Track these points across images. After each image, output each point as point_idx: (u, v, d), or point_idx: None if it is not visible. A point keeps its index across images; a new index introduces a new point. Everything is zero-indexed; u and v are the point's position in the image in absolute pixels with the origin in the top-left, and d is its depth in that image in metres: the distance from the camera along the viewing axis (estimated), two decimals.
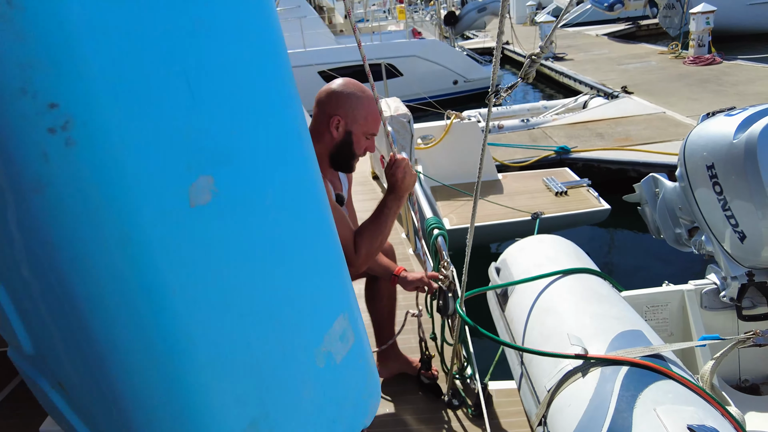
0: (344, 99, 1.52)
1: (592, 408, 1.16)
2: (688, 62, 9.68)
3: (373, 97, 1.57)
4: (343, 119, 1.52)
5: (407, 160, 1.57)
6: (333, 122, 1.52)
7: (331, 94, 1.54)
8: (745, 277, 1.59)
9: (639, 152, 5.42)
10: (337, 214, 1.51)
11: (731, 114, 1.47)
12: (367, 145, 1.59)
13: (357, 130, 1.54)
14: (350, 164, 1.61)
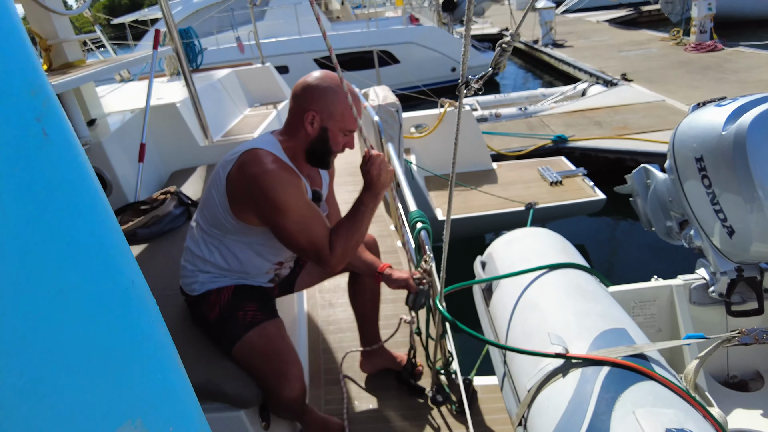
0: (320, 93, 1.45)
1: (571, 410, 1.12)
2: (689, 49, 9.56)
3: (353, 91, 1.49)
4: (318, 114, 1.46)
5: (383, 156, 1.50)
6: (307, 118, 1.46)
7: (306, 87, 1.47)
8: (735, 273, 1.55)
9: (637, 141, 5.35)
10: (311, 212, 1.46)
11: (721, 104, 1.41)
12: (345, 141, 1.52)
13: (333, 127, 1.48)
14: (326, 161, 1.55)
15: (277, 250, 1.61)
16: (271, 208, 1.40)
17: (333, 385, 2.08)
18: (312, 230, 1.45)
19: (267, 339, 1.51)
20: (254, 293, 1.64)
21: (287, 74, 10.27)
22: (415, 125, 4.69)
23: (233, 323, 1.54)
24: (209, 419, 1.59)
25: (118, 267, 0.39)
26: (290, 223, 1.42)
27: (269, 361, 1.48)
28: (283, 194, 1.39)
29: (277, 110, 4.43)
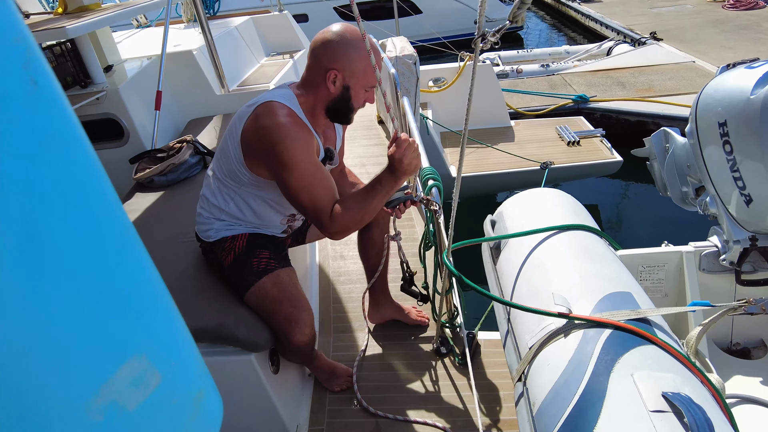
0: (342, 51, 1.41)
1: (570, 369, 1.15)
2: (727, 6, 9.06)
3: (373, 44, 1.43)
4: (341, 73, 1.42)
5: (415, 143, 1.46)
6: (329, 77, 1.43)
7: (327, 44, 1.43)
8: (748, 242, 1.53)
9: (661, 104, 5.18)
10: (317, 173, 1.45)
11: (753, 66, 1.35)
12: (366, 97, 1.50)
13: (355, 84, 1.45)
14: (348, 117, 1.54)
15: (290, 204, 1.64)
16: (278, 162, 1.40)
17: (341, 333, 2.15)
18: (315, 192, 1.44)
19: (280, 285, 1.55)
20: (268, 242, 1.66)
21: (306, 23, 10.01)
22: (433, 79, 4.58)
23: (247, 269, 1.57)
24: (221, 362, 1.65)
25: (111, 217, 0.40)
26: (294, 179, 1.42)
27: (281, 306, 1.52)
28: (291, 149, 1.38)
29: (294, 60, 4.36)
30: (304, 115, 1.47)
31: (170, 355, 0.45)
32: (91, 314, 0.38)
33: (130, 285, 0.43)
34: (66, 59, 2.78)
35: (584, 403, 1.06)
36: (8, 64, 0.30)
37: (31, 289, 0.34)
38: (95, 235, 0.39)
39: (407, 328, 2.13)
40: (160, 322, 0.45)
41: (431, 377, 1.90)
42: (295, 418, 1.74)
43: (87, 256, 0.38)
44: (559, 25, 11.85)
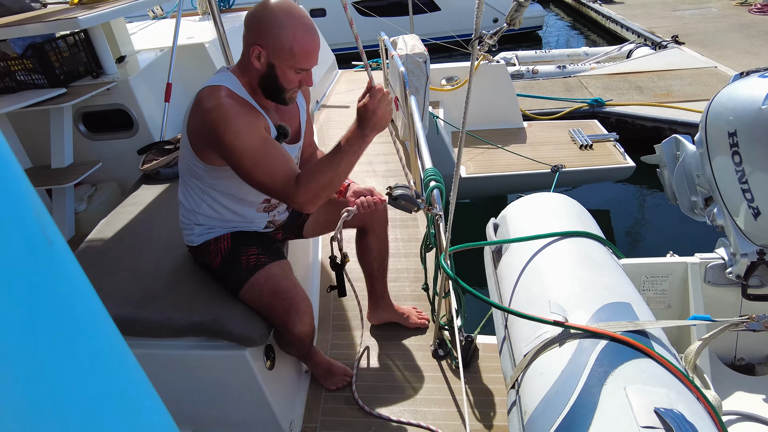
0: (266, 26, 1.32)
1: (563, 379, 1.13)
2: (754, 10, 8.85)
3: (307, 24, 1.34)
4: (265, 50, 1.34)
5: (388, 93, 1.38)
6: (253, 52, 1.35)
7: (252, 17, 1.34)
8: (756, 255, 1.49)
9: (678, 110, 5.08)
10: (267, 147, 1.36)
11: (766, 75, 1.31)
12: (300, 78, 1.39)
13: (281, 64, 1.35)
14: (281, 98, 1.43)
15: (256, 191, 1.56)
16: (222, 143, 1.33)
17: (340, 331, 2.14)
18: (270, 165, 1.36)
19: (273, 279, 1.53)
20: (254, 238, 1.62)
21: (324, 17, 10.01)
22: (446, 77, 4.55)
23: (237, 268, 1.55)
24: (215, 356, 1.65)
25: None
26: (245, 158, 1.34)
27: (278, 299, 1.50)
28: (233, 128, 1.31)
29: None
30: (247, 93, 1.41)
31: None
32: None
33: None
34: (79, 49, 2.81)
35: (575, 415, 1.04)
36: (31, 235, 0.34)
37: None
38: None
39: (406, 328, 2.12)
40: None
41: (428, 379, 1.88)
42: (289, 415, 1.74)
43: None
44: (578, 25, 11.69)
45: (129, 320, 1.49)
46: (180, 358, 1.53)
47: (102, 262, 1.69)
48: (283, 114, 1.54)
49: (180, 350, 1.52)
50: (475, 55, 0.92)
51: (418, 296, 2.27)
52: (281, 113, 1.53)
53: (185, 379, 1.58)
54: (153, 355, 1.53)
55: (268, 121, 1.44)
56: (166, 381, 1.58)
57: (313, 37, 1.35)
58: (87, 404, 0.38)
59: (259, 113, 1.41)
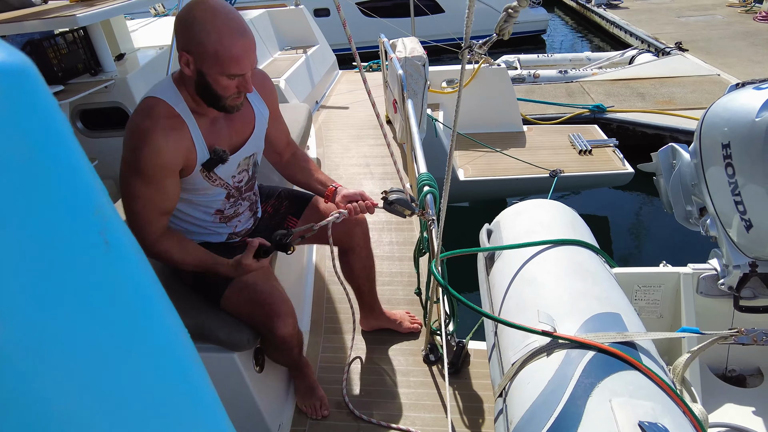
0: (189, 30, 1.22)
1: (550, 390, 1.12)
2: (759, 18, 8.82)
3: (234, 26, 1.23)
4: (191, 56, 1.24)
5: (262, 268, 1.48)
6: (181, 59, 1.26)
7: (177, 20, 1.25)
8: (748, 267, 1.48)
9: (679, 118, 5.07)
10: (148, 191, 1.31)
11: (761, 87, 1.30)
12: (237, 83, 1.29)
13: (210, 70, 1.25)
14: (223, 106, 1.33)
15: (208, 199, 1.50)
16: (130, 162, 1.29)
17: (332, 334, 2.14)
18: (135, 207, 1.33)
19: (248, 288, 1.50)
20: (220, 250, 1.54)
21: (328, 17, 10.00)
22: (447, 80, 4.54)
23: (210, 282, 1.52)
24: (203, 359, 1.65)
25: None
26: (122, 183, 1.32)
27: (257, 306, 1.49)
28: (134, 153, 1.27)
29: (307, 55, 4.35)
30: (186, 107, 1.34)
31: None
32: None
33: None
34: (78, 46, 2.81)
35: (559, 426, 1.03)
36: (89, 234, 0.35)
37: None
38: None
39: (399, 333, 2.11)
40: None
41: (418, 384, 1.88)
42: (277, 418, 1.73)
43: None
44: (582, 30, 11.68)
45: None
46: None
47: None
48: (234, 121, 1.46)
49: None
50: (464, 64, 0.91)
51: (411, 300, 2.26)
52: (232, 120, 1.45)
53: None
54: None
55: (197, 149, 1.36)
56: None
57: (241, 40, 1.23)
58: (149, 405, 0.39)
59: (185, 141, 1.33)
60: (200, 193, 1.47)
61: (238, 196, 1.59)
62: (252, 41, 1.28)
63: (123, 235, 0.37)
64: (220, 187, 1.49)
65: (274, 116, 1.62)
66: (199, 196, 1.48)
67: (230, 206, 1.58)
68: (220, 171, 1.45)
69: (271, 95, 1.59)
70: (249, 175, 1.59)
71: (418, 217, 1.71)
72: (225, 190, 1.52)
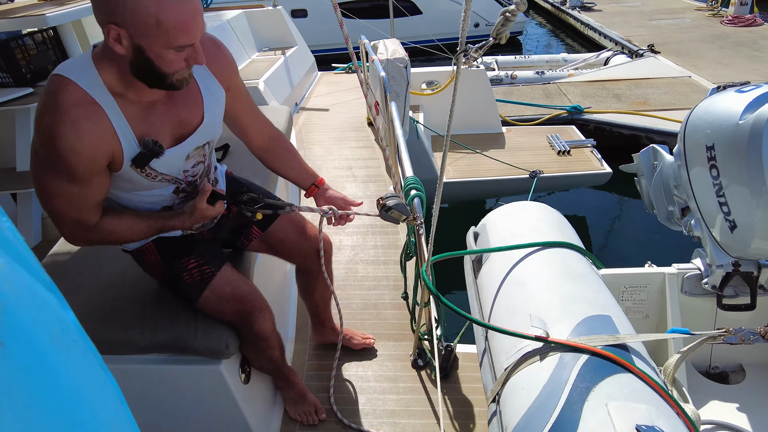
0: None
1: (545, 395, 1.11)
2: (726, 22, 9.11)
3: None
4: (123, 29, 1.00)
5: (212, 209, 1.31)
6: (110, 35, 1.01)
7: None
8: (731, 266, 1.51)
9: (655, 119, 5.18)
10: (77, 190, 1.14)
11: (743, 90, 1.32)
12: (186, 56, 1.08)
13: (150, 45, 1.02)
14: (170, 83, 1.11)
15: (151, 196, 1.31)
16: (45, 155, 1.09)
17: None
18: (56, 207, 1.16)
19: (231, 285, 1.43)
20: (183, 245, 1.43)
21: (305, 18, 9.93)
22: (427, 82, 4.54)
23: (183, 286, 1.43)
24: (188, 371, 1.57)
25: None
26: (35, 178, 1.13)
27: (239, 301, 1.43)
28: (45, 148, 1.08)
29: (286, 56, 4.30)
30: (105, 88, 1.10)
31: None
32: None
33: None
34: (48, 47, 2.71)
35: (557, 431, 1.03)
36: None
37: None
38: None
39: (386, 338, 2.09)
40: None
41: (407, 390, 1.86)
42: (265, 430, 1.69)
43: None
44: (558, 32, 11.87)
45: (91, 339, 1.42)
46: (151, 373, 1.47)
47: (67, 275, 1.61)
48: (176, 106, 1.22)
49: (151, 365, 1.46)
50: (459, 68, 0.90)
51: (398, 305, 2.24)
52: (173, 105, 1.22)
53: (156, 396, 1.52)
54: (122, 370, 1.47)
55: (121, 141, 1.14)
56: (136, 397, 1.52)
57: (185, 1, 1.01)
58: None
59: (104, 133, 1.11)
60: (140, 191, 1.27)
61: (192, 190, 1.36)
62: (198, 3, 1.06)
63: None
64: (165, 182, 1.28)
65: (235, 92, 1.37)
66: (139, 193, 1.28)
67: (180, 201, 1.36)
68: (161, 165, 1.22)
69: (225, 69, 1.32)
70: (205, 164, 1.38)
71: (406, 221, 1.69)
72: (173, 184, 1.31)
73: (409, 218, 1.52)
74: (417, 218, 1.57)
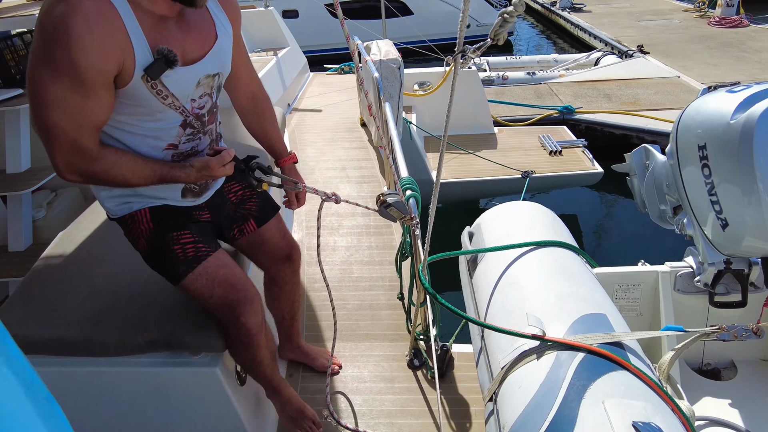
0: None
1: (542, 393, 1.12)
2: (712, 23, 9.22)
3: None
4: None
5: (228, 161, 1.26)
6: None
7: None
8: (723, 264, 1.53)
9: (645, 118, 5.23)
10: (67, 94, 1.02)
11: (733, 90, 1.34)
12: None
13: None
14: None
15: (158, 125, 1.20)
16: (45, 59, 1.00)
17: (313, 342, 2.10)
18: (51, 118, 1.04)
19: (226, 267, 1.36)
20: (180, 217, 1.34)
21: (296, 18, 9.92)
22: (419, 82, 4.55)
23: (172, 260, 1.32)
24: (183, 373, 1.55)
25: None
26: (32, 85, 1.02)
27: (231, 288, 1.35)
28: (48, 48, 0.98)
29: (278, 57, 4.29)
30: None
31: None
32: None
33: None
34: None
35: (554, 429, 1.03)
36: None
37: None
38: None
39: (381, 338, 2.09)
40: None
41: (403, 391, 1.86)
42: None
43: None
44: (548, 32, 11.95)
45: (85, 341, 1.41)
46: (147, 375, 1.46)
47: (60, 279, 1.59)
48: (190, 30, 1.17)
49: (147, 367, 1.45)
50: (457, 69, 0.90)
51: (393, 305, 2.24)
52: (186, 28, 1.16)
53: (152, 397, 1.51)
54: (118, 373, 1.45)
55: (134, 47, 1.05)
56: (131, 399, 1.50)
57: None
58: None
59: (117, 35, 1.03)
60: (146, 116, 1.17)
61: (199, 128, 1.28)
62: None
63: None
64: (173, 109, 1.19)
65: (237, 38, 1.36)
66: (145, 119, 1.17)
67: (187, 139, 1.27)
68: (172, 83, 1.14)
69: (234, 12, 1.34)
70: (212, 101, 1.29)
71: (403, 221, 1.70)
72: (180, 116, 1.21)
73: (406, 218, 1.52)
74: (413, 218, 1.57)
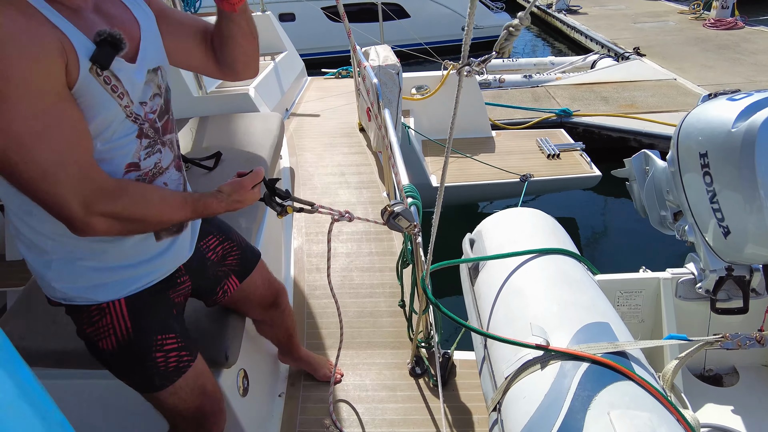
0: None
1: (547, 403, 1.12)
2: (707, 25, 9.26)
3: None
4: None
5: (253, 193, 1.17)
6: None
7: None
8: (724, 271, 1.53)
9: (642, 121, 5.24)
10: (53, 120, 0.83)
11: (734, 98, 1.35)
12: None
13: None
14: None
15: (113, 139, 0.97)
16: None
17: (315, 350, 2.09)
18: (33, 153, 0.81)
19: (204, 376, 1.26)
20: (162, 307, 1.16)
21: (293, 22, 9.91)
22: (416, 86, 4.55)
23: (149, 369, 1.14)
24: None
25: None
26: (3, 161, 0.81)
27: (208, 398, 1.28)
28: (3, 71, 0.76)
29: (275, 62, 4.28)
30: None
31: None
32: None
33: None
34: None
35: None
36: None
37: None
38: None
39: (383, 346, 2.08)
40: None
41: (405, 399, 1.85)
42: None
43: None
44: (544, 35, 11.98)
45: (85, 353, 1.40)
46: None
47: None
48: (110, 19, 0.97)
49: None
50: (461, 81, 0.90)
51: (394, 312, 2.24)
52: (107, 18, 0.97)
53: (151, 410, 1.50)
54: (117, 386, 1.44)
55: (70, 38, 0.85)
56: (131, 413, 1.49)
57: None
58: None
59: (45, 27, 0.83)
60: (102, 130, 0.94)
61: (156, 138, 1.06)
62: None
63: None
64: (127, 116, 0.97)
65: (162, 10, 1.13)
66: (101, 137, 0.94)
67: (146, 154, 1.03)
68: (123, 75, 0.94)
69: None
70: (163, 102, 1.08)
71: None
72: (134, 124, 0.99)
73: (409, 226, 1.52)
74: (416, 226, 1.57)
